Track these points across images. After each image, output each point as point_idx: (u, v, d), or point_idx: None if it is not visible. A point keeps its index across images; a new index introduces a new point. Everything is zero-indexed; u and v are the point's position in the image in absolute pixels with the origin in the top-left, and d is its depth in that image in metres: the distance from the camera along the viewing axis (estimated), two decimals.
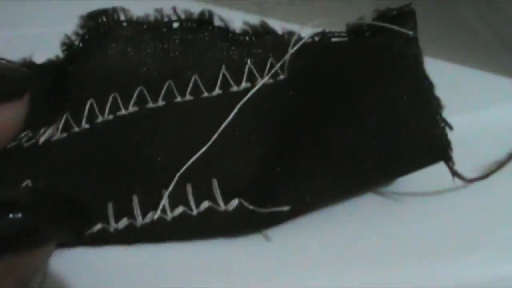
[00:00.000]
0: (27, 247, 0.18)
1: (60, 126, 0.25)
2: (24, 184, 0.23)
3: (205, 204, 0.23)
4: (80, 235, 0.21)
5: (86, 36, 0.26)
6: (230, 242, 0.22)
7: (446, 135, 0.23)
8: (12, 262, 0.18)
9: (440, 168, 0.23)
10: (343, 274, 0.21)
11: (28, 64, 0.26)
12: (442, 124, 0.23)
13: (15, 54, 0.26)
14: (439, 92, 0.24)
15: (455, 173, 0.23)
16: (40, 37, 0.27)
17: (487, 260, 0.22)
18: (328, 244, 0.22)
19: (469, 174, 0.24)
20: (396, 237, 0.22)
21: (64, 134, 0.25)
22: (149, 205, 0.23)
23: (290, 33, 0.27)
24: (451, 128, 0.23)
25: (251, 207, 0.22)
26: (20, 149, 0.24)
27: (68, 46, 0.26)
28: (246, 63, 0.26)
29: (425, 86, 0.23)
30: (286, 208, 0.22)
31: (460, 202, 0.24)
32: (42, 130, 0.25)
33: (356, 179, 0.23)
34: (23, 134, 0.25)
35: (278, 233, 0.23)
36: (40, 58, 0.27)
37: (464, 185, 0.24)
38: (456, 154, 0.23)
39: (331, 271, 0.21)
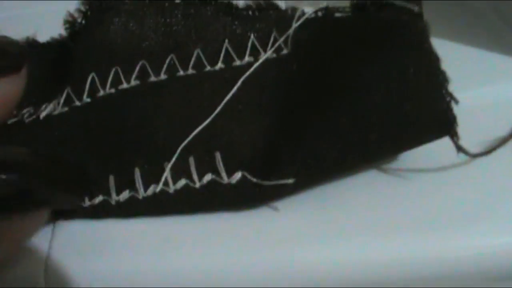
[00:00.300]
0: (20, 210, 0.17)
1: (61, 100, 0.24)
2: None
3: (208, 177, 0.23)
4: (77, 204, 0.21)
5: (89, 13, 0.25)
6: (233, 215, 0.22)
7: (451, 110, 0.23)
8: (5, 225, 0.17)
9: (443, 144, 0.23)
10: (345, 245, 0.21)
11: (31, 43, 0.26)
12: (448, 98, 0.23)
13: (18, 33, 0.25)
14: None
15: (459, 148, 0.23)
16: (44, 15, 0.26)
17: (488, 232, 0.22)
18: (331, 217, 0.22)
19: (472, 150, 0.24)
20: (399, 209, 0.22)
21: (66, 108, 0.24)
22: (151, 177, 0.23)
23: (294, 9, 0.27)
24: (456, 102, 0.23)
25: (254, 179, 0.22)
26: (21, 124, 0.24)
27: (70, 24, 0.26)
28: (249, 37, 0.26)
29: (431, 60, 0.23)
30: (290, 180, 0.22)
31: (463, 178, 0.24)
32: (43, 106, 0.25)
33: (361, 152, 0.23)
34: (25, 111, 0.24)
35: (282, 206, 0.23)
36: (44, 37, 0.27)
37: (467, 161, 0.24)
38: (461, 130, 0.23)
39: (333, 244, 0.21)
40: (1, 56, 0.23)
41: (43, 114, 0.24)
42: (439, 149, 0.23)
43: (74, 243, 0.21)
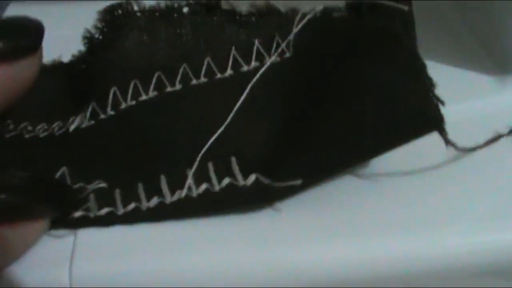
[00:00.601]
0: (11, 222, 0.21)
1: (88, 114, 0.27)
2: (60, 171, 0.25)
3: (226, 181, 0.25)
4: (67, 213, 0.24)
5: (105, 29, 0.27)
6: (233, 216, 0.25)
7: (439, 109, 0.25)
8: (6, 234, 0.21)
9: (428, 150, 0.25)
10: (344, 245, 0.24)
11: (57, 65, 0.29)
12: (435, 101, 0.25)
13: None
14: None
15: (448, 142, 0.25)
16: (66, 39, 0.28)
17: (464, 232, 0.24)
18: (330, 217, 0.25)
19: (444, 165, 0.26)
20: (383, 211, 0.25)
21: (92, 122, 0.27)
22: (175, 184, 0.25)
23: (294, 10, 0.29)
24: (443, 104, 0.25)
25: (267, 181, 0.25)
26: (52, 138, 0.27)
27: (89, 39, 0.28)
28: (254, 43, 0.28)
29: (419, 66, 0.25)
30: (298, 182, 0.24)
31: (444, 181, 0.26)
32: (71, 119, 0.27)
33: (358, 153, 0.25)
34: (55, 124, 0.27)
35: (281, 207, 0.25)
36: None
37: (439, 166, 0.26)
38: (436, 144, 0.25)
39: (332, 244, 0.24)
40: (24, 34, 0.25)
41: (72, 127, 0.27)
42: (427, 156, 0.25)
43: (96, 247, 0.24)
